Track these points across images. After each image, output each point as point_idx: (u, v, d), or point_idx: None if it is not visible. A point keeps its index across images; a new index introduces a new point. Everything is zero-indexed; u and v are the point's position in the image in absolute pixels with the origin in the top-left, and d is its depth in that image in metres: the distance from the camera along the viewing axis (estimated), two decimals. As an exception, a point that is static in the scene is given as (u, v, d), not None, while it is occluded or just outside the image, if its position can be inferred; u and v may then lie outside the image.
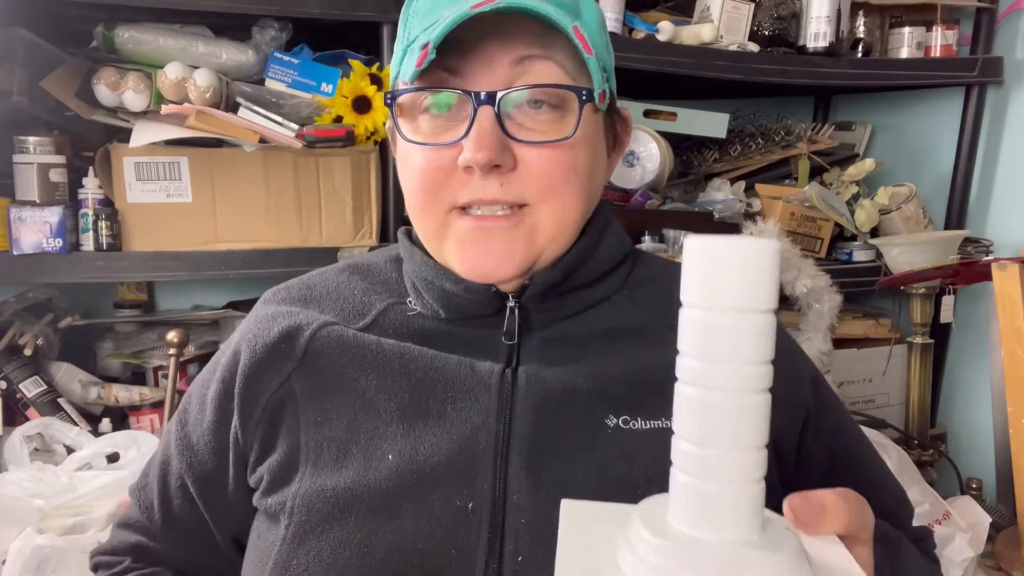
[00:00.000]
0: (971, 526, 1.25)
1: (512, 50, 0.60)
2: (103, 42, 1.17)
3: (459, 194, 0.62)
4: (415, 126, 0.64)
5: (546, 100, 0.61)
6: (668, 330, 0.66)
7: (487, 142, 0.59)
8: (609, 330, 0.68)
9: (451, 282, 0.65)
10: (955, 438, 1.72)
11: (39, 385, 1.26)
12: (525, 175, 0.61)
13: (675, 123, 1.54)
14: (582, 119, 0.62)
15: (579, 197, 0.64)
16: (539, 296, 0.66)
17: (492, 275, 0.64)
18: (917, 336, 1.54)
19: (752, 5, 1.49)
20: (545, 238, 0.64)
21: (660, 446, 0.59)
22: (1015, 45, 1.62)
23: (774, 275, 0.40)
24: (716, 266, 0.40)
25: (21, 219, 1.13)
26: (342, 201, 1.25)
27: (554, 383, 0.64)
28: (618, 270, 0.71)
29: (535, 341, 0.67)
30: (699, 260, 0.40)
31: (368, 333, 0.68)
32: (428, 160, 0.62)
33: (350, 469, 0.62)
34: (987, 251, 1.60)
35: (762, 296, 0.39)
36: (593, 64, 0.61)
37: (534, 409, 0.63)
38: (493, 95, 0.59)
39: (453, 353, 0.66)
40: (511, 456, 0.61)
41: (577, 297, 0.68)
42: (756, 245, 0.39)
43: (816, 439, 0.71)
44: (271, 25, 1.22)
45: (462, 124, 0.61)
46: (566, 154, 0.62)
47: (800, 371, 0.72)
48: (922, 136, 1.79)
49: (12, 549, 0.93)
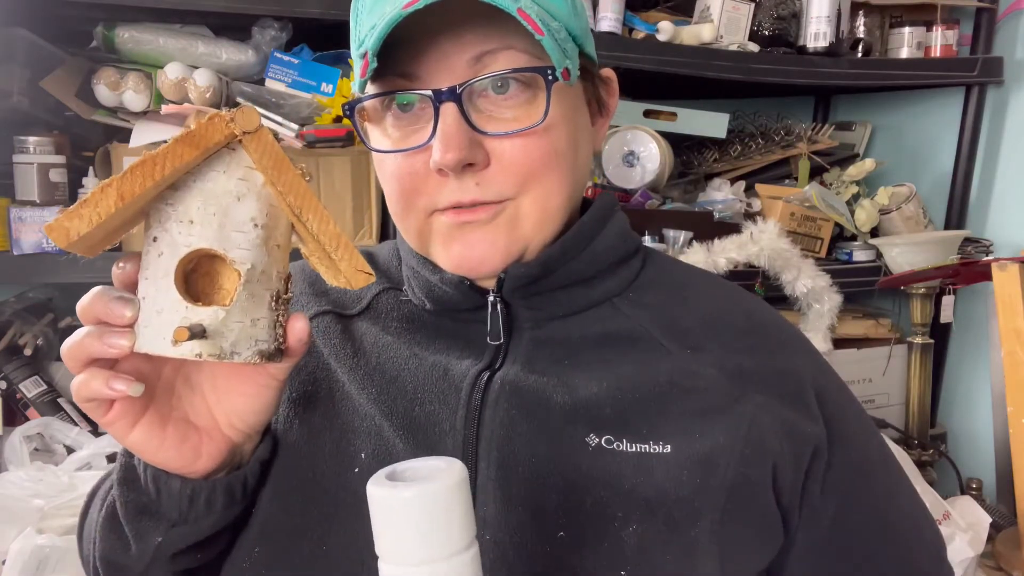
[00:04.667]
0: (971, 526, 1.25)
1: (467, 46, 0.57)
2: (103, 42, 1.17)
3: (437, 198, 0.59)
4: (382, 130, 0.61)
5: (511, 91, 0.58)
6: (668, 339, 0.63)
7: (454, 141, 0.56)
8: (604, 335, 0.63)
9: (430, 271, 0.64)
10: (955, 438, 1.72)
11: (39, 385, 1.26)
12: (502, 169, 0.58)
13: (675, 123, 1.54)
14: (553, 99, 0.58)
15: (563, 180, 0.60)
16: (522, 292, 0.63)
17: (478, 269, 0.61)
18: (917, 336, 1.54)
19: (752, 5, 1.49)
20: (530, 226, 0.60)
21: (645, 472, 0.58)
22: (1015, 45, 1.62)
23: (461, 509, 0.42)
24: (396, 519, 0.42)
25: (21, 219, 1.13)
26: (342, 201, 1.25)
27: (531, 392, 0.60)
28: (622, 268, 0.67)
29: (525, 341, 0.64)
30: (380, 514, 0.43)
31: (362, 319, 0.67)
32: (400, 166, 0.60)
33: (320, 462, 0.61)
34: (987, 251, 1.60)
35: (450, 540, 0.42)
36: (548, 43, 0.55)
37: (505, 415, 0.60)
38: (453, 90, 0.56)
39: (439, 346, 0.64)
40: (479, 464, 0.59)
41: (571, 295, 0.64)
42: (431, 489, 0.42)
43: (826, 491, 0.62)
44: (271, 25, 1.21)
45: (428, 125, 0.58)
46: (542, 139, 0.58)
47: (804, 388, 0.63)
48: (922, 136, 1.79)
49: (12, 549, 0.93)
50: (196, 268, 0.49)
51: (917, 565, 0.66)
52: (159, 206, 0.48)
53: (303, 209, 0.48)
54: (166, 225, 0.48)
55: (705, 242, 1.36)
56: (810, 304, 1.43)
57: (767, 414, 0.60)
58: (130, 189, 0.44)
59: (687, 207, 1.50)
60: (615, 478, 0.57)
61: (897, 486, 0.69)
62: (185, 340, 0.46)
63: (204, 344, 0.47)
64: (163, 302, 0.47)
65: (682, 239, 1.38)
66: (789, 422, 0.61)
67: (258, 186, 0.48)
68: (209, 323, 0.47)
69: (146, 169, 0.44)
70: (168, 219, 0.48)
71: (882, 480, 0.67)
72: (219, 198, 0.47)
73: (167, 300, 0.47)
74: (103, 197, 0.45)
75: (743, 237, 1.38)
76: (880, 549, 0.64)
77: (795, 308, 1.45)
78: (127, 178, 0.44)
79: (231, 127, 0.45)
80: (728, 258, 1.34)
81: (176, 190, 0.47)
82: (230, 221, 0.47)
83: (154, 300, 0.48)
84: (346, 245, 0.49)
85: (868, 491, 0.65)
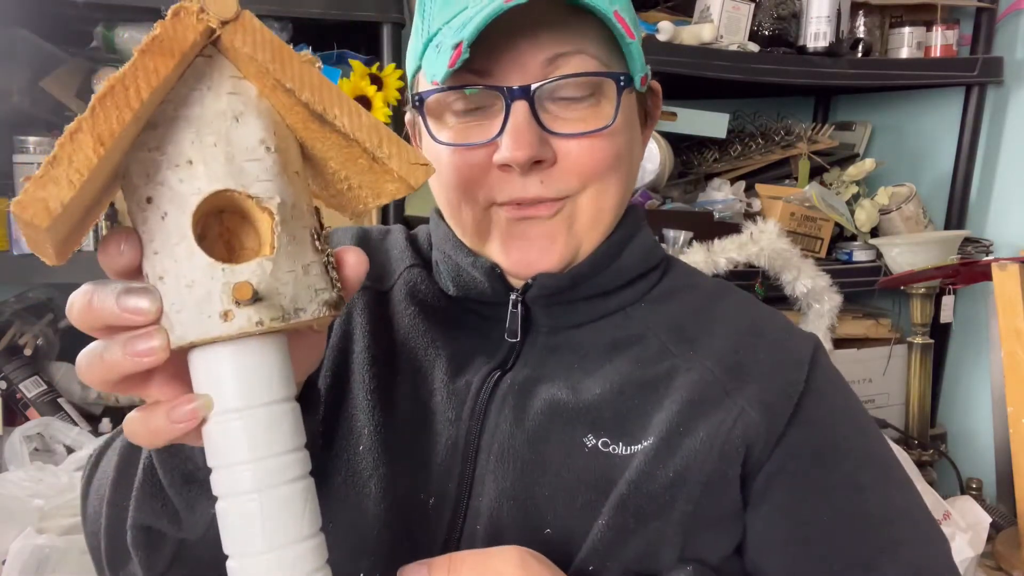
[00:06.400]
0: (971, 526, 1.25)
1: (543, 48, 0.57)
2: (103, 42, 1.17)
3: (498, 193, 0.60)
4: (442, 125, 0.61)
5: (580, 95, 0.58)
6: (674, 342, 0.63)
7: (525, 139, 0.56)
8: (612, 341, 0.64)
9: (464, 255, 0.64)
10: (955, 438, 1.72)
11: (39, 385, 1.26)
12: (566, 168, 0.59)
13: (675, 123, 1.54)
14: (621, 104, 0.59)
15: (620, 182, 0.62)
16: (545, 300, 0.63)
17: (535, 265, 0.61)
18: (917, 336, 1.54)
19: (752, 5, 1.49)
20: (585, 223, 0.61)
21: (638, 473, 0.58)
22: (1015, 45, 1.62)
23: (276, 365, 0.40)
24: (214, 370, 0.39)
25: (21, 219, 1.13)
26: (342, 201, 1.25)
27: (536, 392, 0.62)
28: (641, 281, 0.67)
29: (539, 346, 0.65)
30: (198, 367, 0.40)
31: (392, 295, 0.68)
32: (462, 158, 0.60)
33: (337, 437, 0.62)
34: (987, 251, 1.60)
35: (262, 390, 0.39)
36: (636, 48, 0.57)
37: (510, 413, 0.61)
38: (527, 88, 0.57)
39: (453, 341, 0.65)
40: (479, 457, 0.60)
41: (589, 307, 0.65)
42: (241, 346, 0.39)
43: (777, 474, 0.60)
44: (271, 25, 1.21)
45: (493, 121, 0.58)
46: (607, 142, 0.59)
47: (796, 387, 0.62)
48: (922, 136, 1.79)
49: (12, 549, 0.93)
50: (204, 233, 0.39)
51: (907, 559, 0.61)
52: (140, 155, 0.38)
53: (327, 104, 0.38)
54: (158, 177, 0.37)
55: (705, 242, 1.36)
56: (810, 304, 1.43)
57: (755, 407, 0.60)
58: (107, 128, 0.34)
59: (687, 207, 1.50)
60: (607, 481, 0.58)
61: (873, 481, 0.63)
62: (247, 302, 0.37)
63: (261, 309, 0.38)
64: (190, 272, 0.37)
65: (682, 239, 1.38)
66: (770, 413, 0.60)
67: (254, 99, 0.39)
68: (258, 281, 0.38)
69: (118, 98, 0.34)
70: (159, 168, 0.37)
71: (850, 472, 0.62)
72: (213, 123, 0.38)
73: (195, 268, 0.37)
74: (76, 148, 0.34)
75: (743, 237, 1.38)
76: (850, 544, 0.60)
77: (795, 308, 1.45)
78: (99, 115, 0.34)
79: (204, 18, 0.36)
80: (728, 258, 1.34)
81: (156, 128, 0.37)
82: (237, 150, 0.38)
83: (177, 275, 0.37)
84: (390, 137, 0.40)
85: (826, 480, 0.61)
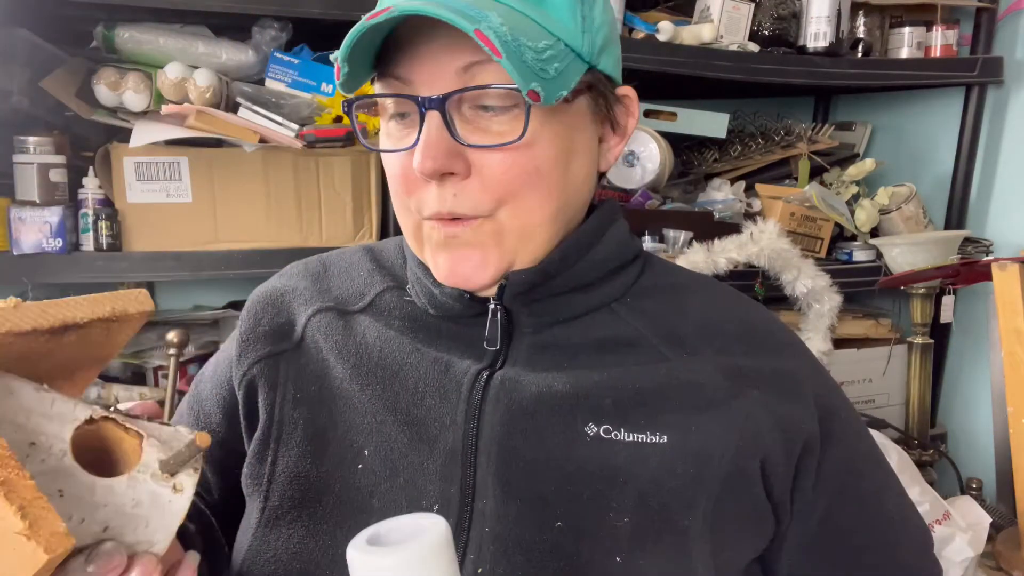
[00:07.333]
0: (971, 526, 1.25)
1: (459, 55, 0.56)
2: (103, 42, 1.17)
3: (423, 205, 0.60)
4: (386, 129, 0.62)
5: (500, 105, 0.57)
6: (666, 345, 0.64)
7: (432, 150, 0.56)
8: (602, 340, 0.64)
9: (432, 282, 0.65)
10: (955, 438, 1.72)
11: (39, 385, 1.25)
12: (480, 182, 0.58)
13: (675, 123, 1.54)
14: (540, 116, 0.57)
15: (546, 197, 0.60)
16: (523, 298, 0.63)
17: (469, 281, 0.61)
18: (917, 336, 1.54)
19: (752, 5, 1.49)
20: (513, 241, 0.60)
21: (641, 462, 0.59)
22: (1015, 45, 1.62)
23: (445, 568, 0.40)
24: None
25: (21, 219, 1.13)
26: (342, 201, 1.25)
27: (530, 386, 0.61)
28: (621, 274, 0.67)
29: (525, 346, 0.64)
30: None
31: (364, 315, 0.68)
32: (399, 164, 0.61)
33: (326, 460, 0.62)
34: (987, 251, 1.60)
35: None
36: (508, 65, 0.53)
37: (505, 411, 0.60)
38: (438, 99, 0.56)
39: (438, 348, 0.65)
40: (479, 459, 0.60)
41: (569, 300, 0.65)
42: (413, 552, 0.39)
43: (817, 487, 0.64)
44: (271, 25, 1.21)
45: (416, 129, 0.58)
46: (522, 156, 0.58)
47: (801, 386, 0.65)
48: (922, 136, 1.79)
49: None
50: (78, 457, 0.45)
51: (903, 559, 0.69)
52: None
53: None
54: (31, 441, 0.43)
55: (705, 242, 1.36)
56: (810, 304, 1.43)
57: (762, 409, 0.61)
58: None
59: (687, 207, 1.50)
60: (612, 468, 0.58)
61: (885, 484, 0.71)
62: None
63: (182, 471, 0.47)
64: (107, 494, 0.43)
65: (682, 239, 1.38)
66: (784, 418, 0.62)
67: None
68: (163, 456, 0.46)
69: None
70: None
71: (871, 478, 0.69)
72: None
73: (105, 488, 0.43)
74: None
75: (743, 237, 1.38)
76: (868, 544, 0.67)
77: (795, 308, 1.45)
78: None
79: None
80: (728, 258, 1.34)
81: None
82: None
83: (103, 501, 0.43)
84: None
85: (858, 488, 0.67)
